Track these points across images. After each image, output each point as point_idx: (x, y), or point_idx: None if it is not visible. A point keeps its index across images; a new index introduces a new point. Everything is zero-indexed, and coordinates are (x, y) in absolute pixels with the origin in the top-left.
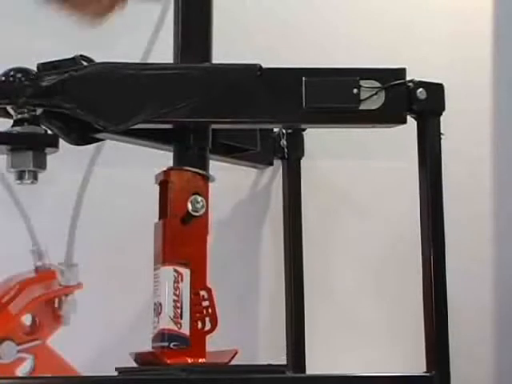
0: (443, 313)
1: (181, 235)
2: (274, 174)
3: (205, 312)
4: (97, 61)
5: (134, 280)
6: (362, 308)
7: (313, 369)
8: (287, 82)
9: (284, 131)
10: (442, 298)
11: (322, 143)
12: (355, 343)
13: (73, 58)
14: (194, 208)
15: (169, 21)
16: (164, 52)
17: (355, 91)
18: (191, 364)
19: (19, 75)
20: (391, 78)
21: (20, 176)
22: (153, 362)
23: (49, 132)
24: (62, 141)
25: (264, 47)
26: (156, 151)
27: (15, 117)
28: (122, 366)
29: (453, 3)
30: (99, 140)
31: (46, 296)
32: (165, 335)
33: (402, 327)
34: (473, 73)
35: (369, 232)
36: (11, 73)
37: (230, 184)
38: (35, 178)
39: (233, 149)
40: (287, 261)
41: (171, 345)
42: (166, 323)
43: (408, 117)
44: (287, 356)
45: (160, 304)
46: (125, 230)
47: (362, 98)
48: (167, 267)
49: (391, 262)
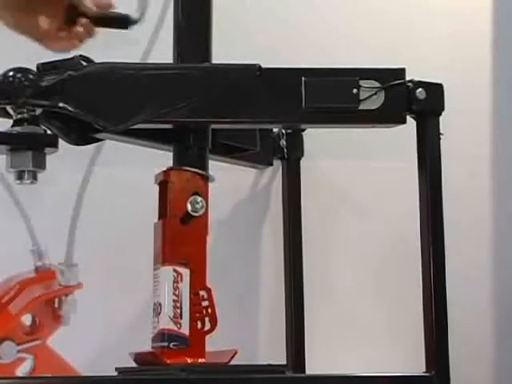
0: (443, 313)
1: (180, 235)
2: (274, 174)
3: (204, 312)
4: (96, 61)
5: (134, 280)
6: (362, 308)
7: (313, 369)
8: (287, 82)
9: (283, 131)
10: (442, 299)
11: (322, 143)
12: (355, 343)
13: (72, 58)
14: (194, 208)
15: (169, 21)
16: (164, 52)
17: (355, 91)
18: (191, 364)
19: (19, 75)
20: (391, 78)
21: (19, 176)
22: (152, 362)
23: (48, 132)
24: (62, 141)
25: (264, 47)
26: (156, 151)
27: (15, 117)
28: (122, 366)
29: (453, 3)
30: (99, 140)
31: (46, 296)
32: (164, 335)
33: (402, 327)
34: (472, 73)
35: (369, 232)
36: (11, 73)
37: (230, 184)
38: (35, 178)
39: (232, 149)
40: (287, 261)
41: (171, 345)
42: (166, 323)
43: (408, 117)
44: (287, 356)
45: (160, 304)
46: (125, 230)
47: (362, 98)
48: (167, 267)
49: (391, 262)
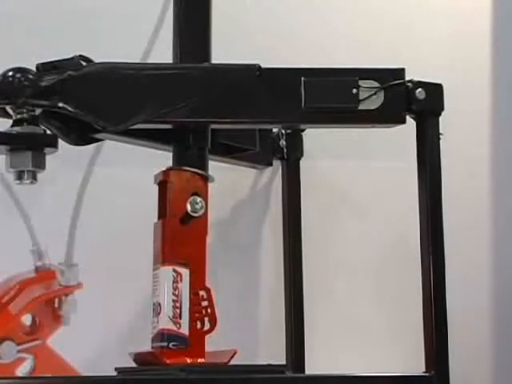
0: (442, 313)
1: (180, 235)
2: (274, 175)
3: (204, 312)
4: (96, 61)
5: (134, 280)
6: (362, 308)
7: (312, 369)
8: (286, 82)
9: (283, 131)
10: (442, 299)
11: (322, 143)
12: (355, 343)
13: (72, 58)
14: (193, 209)
15: (169, 21)
16: (164, 52)
17: (354, 91)
18: (190, 364)
19: (18, 75)
20: (390, 78)
21: (19, 176)
22: (152, 362)
23: (48, 132)
24: (62, 141)
25: (264, 47)
26: (155, 151)
27: (14, 117)
28: (122, 366)
29: (453, 3)
30: (99, 140)
31: (46, 296)
32: (164, 335)
33: (402, 327)
34: (472, 73)
35: (369, 232)
36: (10, 73)
37: (230, 184)
38: (34, 178)
39: (232, 149)
40: (287, 261)
41: (170, 345)
42: (166, 323)
43: (407, 117)
44: (287, 356)
45: (159, 304)
46: (125, 230)
47: (361, 98)
48: (166, 267)
49: (391, 262)
